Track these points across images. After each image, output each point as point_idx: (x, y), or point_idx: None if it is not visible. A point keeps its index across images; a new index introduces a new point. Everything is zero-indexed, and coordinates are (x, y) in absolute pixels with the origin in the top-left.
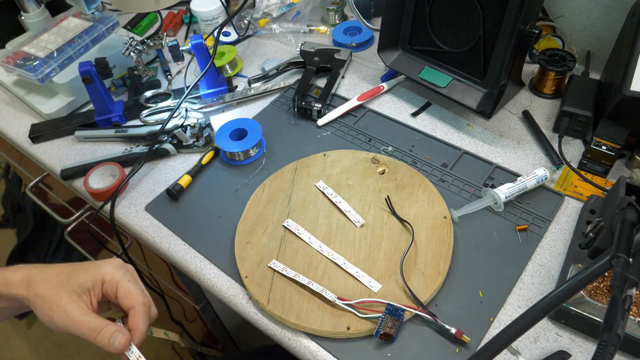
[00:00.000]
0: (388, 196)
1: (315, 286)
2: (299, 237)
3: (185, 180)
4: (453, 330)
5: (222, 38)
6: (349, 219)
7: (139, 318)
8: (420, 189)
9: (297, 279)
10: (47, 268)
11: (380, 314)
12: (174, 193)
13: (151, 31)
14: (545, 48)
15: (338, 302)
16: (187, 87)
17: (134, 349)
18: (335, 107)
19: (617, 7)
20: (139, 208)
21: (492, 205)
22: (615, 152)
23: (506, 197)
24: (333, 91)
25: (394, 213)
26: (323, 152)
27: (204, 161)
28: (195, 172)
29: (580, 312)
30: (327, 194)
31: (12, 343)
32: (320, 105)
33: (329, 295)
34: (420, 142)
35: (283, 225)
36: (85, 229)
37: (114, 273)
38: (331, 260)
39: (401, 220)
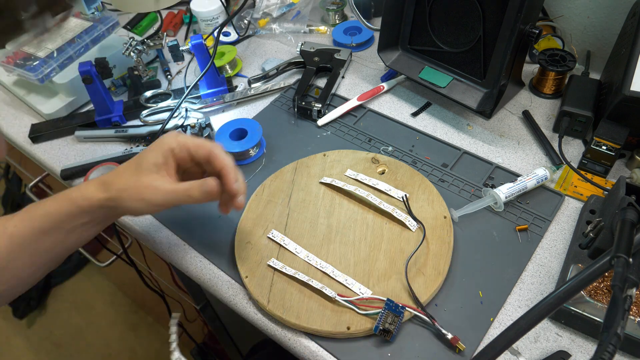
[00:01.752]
0: (405, 195)
1: (315, 283)
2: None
3: None
4: (449, 336)
5: (222, 38)
6: (391, 196)
7: (221, 158)
8: (420, 189)
9: (296, 276)
10: (114, 170)
11: (379, 310)
12: None
13: (151, 31)
14: (545, 48)
15: (338, 298)
16: (187, 87)
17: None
18: (336, 107)
19: (617, 7)
20: None
21: (492, 205)
22: (615, 152)
23: (506, 197)
24: (333, 91)
25: (410, 212)
26: (323, 152)
27: None
28: None
29: (580, 312)
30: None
31: (12, 343)
32: (320, 105)
33: (329, 292)
34: (420, 142)
35: (268, 237)
36: None
37: (177, 138)
38: (320, 270)
39: (415, 220)
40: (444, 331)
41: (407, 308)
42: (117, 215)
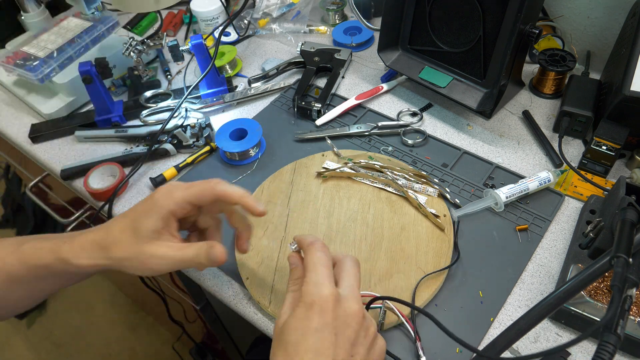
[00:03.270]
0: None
1: None
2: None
3: (169, 172)
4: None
5: (222, 38)
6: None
7: (229, 193)
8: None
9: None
10: (108, 229)
11: (380, 305)
12: (155, 182)
13: (151, 31)
14: (545, 48)
15: None
16: (187, 87)
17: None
18: (335, 107)
19: (617, 7)
20: None
21: (492, 206)
22: (615, 152)
23: (507, 198)
24: (333, 91)
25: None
26: (322, 152)
27: (197, 158)
28: (183, 167)
29: (580, 312)
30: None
31: (12, 343)
32: (320, 105)
33: None
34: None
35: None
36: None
37: (173, 197)
38: None
39: (435, 216)
40: (420, 352)
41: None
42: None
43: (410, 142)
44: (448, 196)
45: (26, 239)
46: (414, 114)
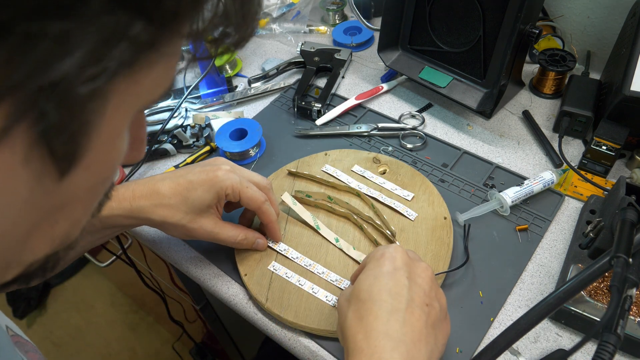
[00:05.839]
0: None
1: (320, 294)
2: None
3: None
4: None
5: None
6: (400, 196)
7: (268, 214)
8: (421, 189)
9: (298, 284)
10: (153, 189)
11: None
12: None
13: None
14: (545, 48)
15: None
16: (187, 87)
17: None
18: (335, 107)
19: (617, 7)
20: None
21: (498, 209)
22: (615, 152)
23: (513, 202)
24: (333, 91)
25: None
26: (324, 151)
27: (197, 158)
28: (183, 167)
29: (580, 312)
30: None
31: None
32: (320, 105)
33: (333, 303)
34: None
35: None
36: None
37: (234, 186)
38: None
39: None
40: None
41: None
42: None
43: (409, 146)
44: (407, 216)
45: None
46: (414, 118)
